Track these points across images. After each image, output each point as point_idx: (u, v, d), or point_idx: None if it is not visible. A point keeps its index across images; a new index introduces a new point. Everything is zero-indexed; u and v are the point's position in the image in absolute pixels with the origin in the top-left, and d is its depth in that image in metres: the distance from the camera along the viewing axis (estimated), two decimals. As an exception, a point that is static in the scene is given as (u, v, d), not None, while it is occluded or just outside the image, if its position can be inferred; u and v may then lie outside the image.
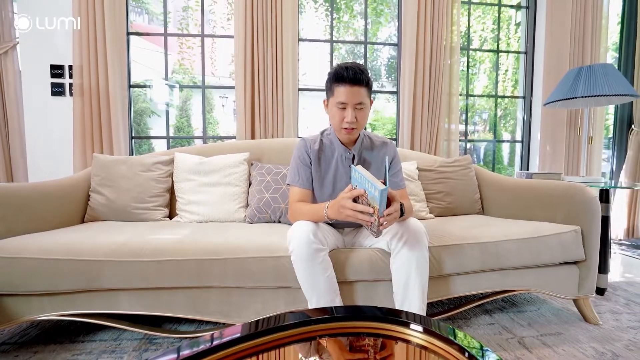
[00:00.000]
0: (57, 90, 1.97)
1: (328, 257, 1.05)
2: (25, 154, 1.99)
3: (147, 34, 2.36)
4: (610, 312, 1.42)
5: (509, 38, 3.34)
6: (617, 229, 2.58)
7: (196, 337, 1.18)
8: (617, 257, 2.34)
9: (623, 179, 2.54)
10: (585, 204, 1.31)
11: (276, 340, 0.63)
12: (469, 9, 2.54)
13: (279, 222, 1.58)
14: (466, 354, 0.58)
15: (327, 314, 0.70)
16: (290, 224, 1.45)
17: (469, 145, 4.38)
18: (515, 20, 2.81)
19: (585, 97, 1.64)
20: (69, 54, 1.95)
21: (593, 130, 2.30)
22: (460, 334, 0.62)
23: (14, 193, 1.20)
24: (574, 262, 1.32)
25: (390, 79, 7.92)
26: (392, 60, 7.06)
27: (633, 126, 2.50)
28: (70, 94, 1.98)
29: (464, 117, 2.75)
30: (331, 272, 1.04)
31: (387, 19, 3.78)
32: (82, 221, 1.53)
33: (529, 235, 1.26)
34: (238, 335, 0.60)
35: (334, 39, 2.45)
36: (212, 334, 0.61)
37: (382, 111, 7.37)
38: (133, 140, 2.15)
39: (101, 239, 1.11)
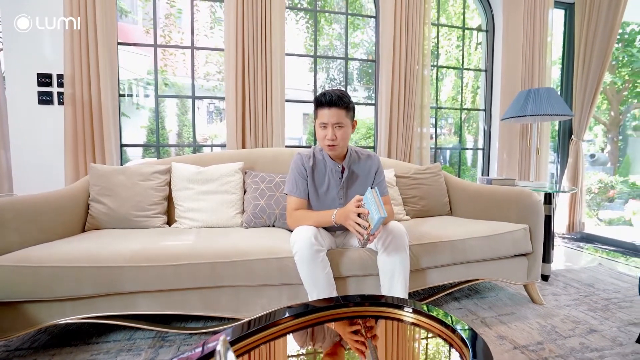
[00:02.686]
0: (45, 99, 1.98)
1: (326, 256, 1.22)
2: (10, 163, 1.97)
3: (136, 44, 2.39)
4: (552, 294, 1.72)
5: (471, 54, 3.72)
6: (561, 225, 2.99)
7: (205, 332, 1.31)
8: (560, 249, 2.72)
9: (565, 182, 2.95)
10: (532, 207, 1.59)
11: (300, 323, 0.80)
12: (438, 30, 2.82)
13: (274, 226, 1.73)
14: (443, 325, 0.78)
15: (335, 303, 0.88)
16: (286, 229, 1.62)
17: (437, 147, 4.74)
18: (477, 40, 3.15)
19: (533, 115, 1.95)
20: (57, 64, 1.96)
21: (540, 142, 2.66)
22: (440, 312, 0.83)
23: (25, 205, 1.26)
24: (524, 254, 1.60)
25: (361, 82, 8.25)
26: (364, 65, 7.38)
27: (573, 136, 2.91)
28: (59, 103, 1.99)
29: (433, 121, 3.03)
30: (329, 269, 1.22)
31: (362, 32, 4.03)
32: (83, 230, 1.58)
33: (489, 234, 1.51)
34: (273, 319, 0.76)
35: (311, 42, 2.62)
36: (251, 321, 0.76)
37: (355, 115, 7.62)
38: (122, 148, 2.19)
39: (118, 246, 1.20)
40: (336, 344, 0.78)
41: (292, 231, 1.53)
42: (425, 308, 0.83)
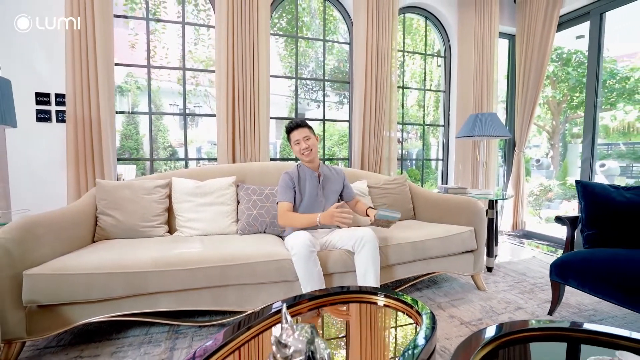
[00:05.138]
0: (43, 117, 2.09)
1: (317, 257, 1.52)
2: (7, 179, 2.05)
3: (131, 65, 2.53)
4: (493, 282, 2.14)
5: (432, 72, 4.18)
6: (507, 224, 3.49)
7: (213, 324, 1.56)
8: (506, 244, 3.21)
9: (510, 188, 3.45)
10: (477, 213, 1.99)
11: (305, 307, 1.08)
12: (403, 55, 3.21)
13: (265, 232, 1.98)
14: (408, 306, 1.09)
15: (327, 292, 1.17)
16: (276, 234, 1.91)
17: (404, 151, 5.21)
18: (437, 62, 3.58)
19: (480, 136, 2.37)
20: (55, 83, 2.09)
21: (488, 154, 3.13)
22: (406, 297, 1.14)
23: (50, 220, 1.42)
24: (470, 251, 1.99)
25: (332, 87, 8.63)
26: (335, 72, 7.75)
27: (516, 148, 3.42)
28: (57, 120, 2.11)
29: (400, 132, 3.41)
30: (320, 267, 1.51)
31: (338, 51, 4.36)
32: (93, 240, 1.75)
33: (444, 235, 1.88)
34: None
35: (289, 59, 2.91)
36: (263, 308, 1.03)
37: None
38: (117, 162, 2.34)
39: (140, 254, 1.41)
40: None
41: (281, 237, 1.85)
42: (393, 294, 1.15)
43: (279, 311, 1.02)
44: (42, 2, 2.06)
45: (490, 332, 0.92)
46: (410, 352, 0.80)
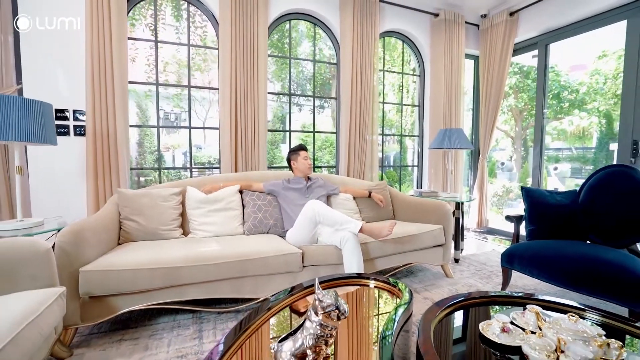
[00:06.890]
0: (62, 131, 2.29)
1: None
2: (28, 190, 2.23)
3: (140, 83, 2.75)
4: (459, 271, 2.56)
5: (409, 85, 4.63)
6: (473, 222, 3.98)
7: (229, 311, 1.85)
8: (472, 240, 3.68)
9: (476, 190, 3.94)
10: (445, 213, 2.40)
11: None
12: (384, 75, 3.61)
13: (268, 233, 2.29)
14: (392, 286, 1.45)
15: (333, 277, 1.51)
16: (278, 234, 2.23)
17: (383, 155, 5.63)
18: (413, 79, 4.01)
19: (448, 147, 2.80)
20: (72, 100, 2.30)
21: (456, 162, 3.59)
22: (392, 280, 1.50)
23: (92, 225, 1.67)
24: (440, 245, 2.39)
25: (315, 91, 8.95)
26: (320, 80, 8.11)
27: (480, 156, 3.91)
28: (75, 134, 2.32)
29: (380, 136, 3.81)
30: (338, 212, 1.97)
31: (323, 64, 4.74)
32: (118, 243, 1.99)
33: (418, 232, 2.27)
34: (307, 284, 1.37)
35: (279, 72, 3.22)
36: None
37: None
38: (131, 171, 2.56)
39: (172, 253, 1.69)
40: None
41: (282, 236, 2.18)
42: (381, 278, 1.51)
43: (303, 289, 1.36)
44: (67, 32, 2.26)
45: (460, 296, 1.31)
46: (393, 314, 1.16)
